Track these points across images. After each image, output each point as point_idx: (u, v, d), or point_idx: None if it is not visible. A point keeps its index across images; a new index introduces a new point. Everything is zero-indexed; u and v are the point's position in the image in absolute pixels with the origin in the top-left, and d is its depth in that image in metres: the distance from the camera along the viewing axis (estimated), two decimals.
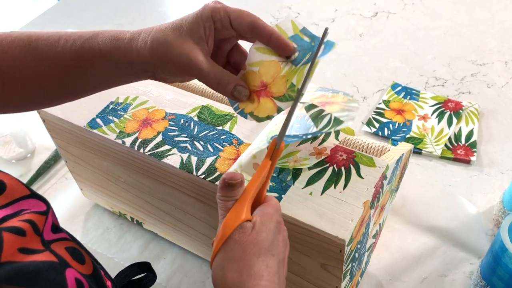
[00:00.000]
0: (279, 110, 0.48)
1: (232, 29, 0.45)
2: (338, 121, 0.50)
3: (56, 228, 0.41)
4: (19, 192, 0.40)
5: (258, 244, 0.39)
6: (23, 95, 0.46)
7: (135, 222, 0.76)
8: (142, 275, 0.57)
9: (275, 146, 0.43)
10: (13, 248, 0.34)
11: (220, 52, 0.48)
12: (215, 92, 0.70)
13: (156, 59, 0.43)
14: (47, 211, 0.40)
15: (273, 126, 0.56)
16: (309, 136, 0.52)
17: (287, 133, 0.52)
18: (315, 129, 0.51)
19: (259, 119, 0.48)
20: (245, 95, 0.47)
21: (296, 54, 0.47)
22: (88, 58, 0.44)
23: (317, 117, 0.52)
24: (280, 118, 0.56)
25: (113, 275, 0.72)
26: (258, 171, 0.43)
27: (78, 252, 0.41)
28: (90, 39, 0.44)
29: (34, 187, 0.85)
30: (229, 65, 0.50)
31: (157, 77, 0.46)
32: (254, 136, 0.58)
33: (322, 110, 0.53)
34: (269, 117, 0.48)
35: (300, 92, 0.45)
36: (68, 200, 0.83)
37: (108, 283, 0.45)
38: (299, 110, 0.56)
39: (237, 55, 0.49)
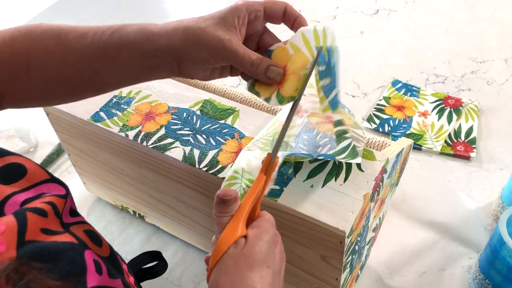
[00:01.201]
0: (267, 100, 0.48)
1: (264, 21, 0.47)
2: (354, 153, 0.51)
3: (73, 212, 0.42)
4: (39, 176, 0.41)
5: (251, 256, 0.39)
6: (48, 88, 0.46)
7: (137, 215, 0.77)
8: (154, 263, 0.58)
9: (270, 161, 0.43)
10: (36, 228, 0.35)
11: (250, 39, 0.49)
12: (217, 86, 0.71)
13: (188, 44, 0.43)
14: (67, 195, 0.41)
15: (280, 127, 0.56)
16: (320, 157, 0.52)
17: (294, 147, 0.53)
18: (325, 151, 0.52)
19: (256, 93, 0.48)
20: (278, 74, 0.46)
21: (324, 68, 0.46)
22: (116, 48, 0.44)
23: (340, 136, 0.53)
24: (285, 118, 0.56)
25: None
26: (253, 187, 0.42)
27: (96, 235, 0.41)
28: (120, 29, 0.44)
29: None
30: (258, 50, 0.50)
31: (181, 68, 0.45)
32: (256, 130, 0.59)
33: (346, 131, 0.53)
34: (266, 100, 0.48)
35: (296, 105, 0.45)
36: (71, 193, 0.83)
37: (124, 266, 0.46)
38: (308, 117, 0.56)
39: (268, 38, 0.49)
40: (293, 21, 0.47)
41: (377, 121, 0.92)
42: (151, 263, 0.57)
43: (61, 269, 0.34)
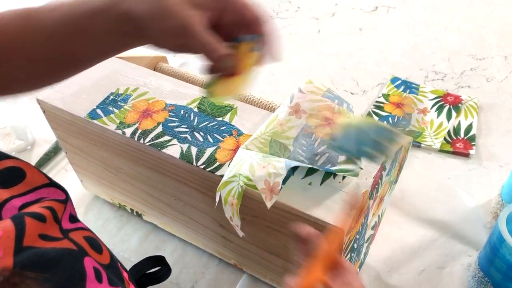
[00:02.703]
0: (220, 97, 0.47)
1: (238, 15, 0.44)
2: (355, 174, 0.51)
3: (73, 218, 0.41)
4: (38, 180, 0.40)
5: None
6: (27, 71, 0.45)
7: (135, 213, 0.77)
8: (157, 268, 0.57)
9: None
10: (35, 234, 0.35)
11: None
12: None
13: (150, 15, 0.41)
14: (66, 200, 0.40)
15: (278, 126, 0.55)
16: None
17: (292, 151, 0.52)
18: (323, 160, 0.51)
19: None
20: (231, 65, 0.44)
21: None
22: (88, 17, 0.42)
23: (346, 162, 0.52)
24: (283, 116, 0.55)
25: None
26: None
27: (96, 242, 0.41)
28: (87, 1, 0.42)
29: None
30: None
31: (151, 37, 0.43)
32: (254, 127, 0.58)
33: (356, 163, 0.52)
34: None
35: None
36: (68, 192, 0.83)
37: (125, 274, 0.45)
38: (306, 119, 0.55)
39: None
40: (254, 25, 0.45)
41: (376, 118, 0.91)
42: (155, 268, 0.57)
43: (59, 277, 0.33)
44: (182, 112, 0.61)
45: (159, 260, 0.57)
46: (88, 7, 0.42)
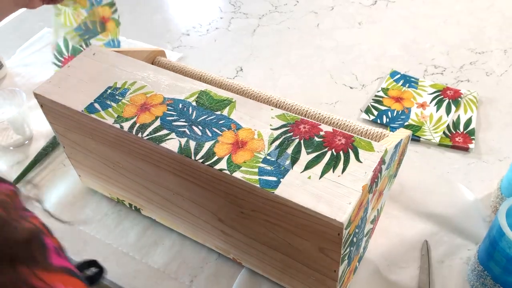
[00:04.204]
0: None
1: None
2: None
3: (23, 208, 0.40)
4: None
5: None
6: None
7: (133, 208, 0.76)
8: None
9: None
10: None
11: None
12: (214, 77, 0.70)
13: None
14: (16, 192, 0.39)
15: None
16: None
17: None
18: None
19: None
20: None
21: None
22: None
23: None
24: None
25: (112, 261, 0.72)
26: None
27: (49, 229, 0.41)
28: None
29: (31, 174, 0.85)
30: None
31: None
32: (253, 121, 0.58)
33: None
34: None
35: None
36: (66, 187, 0.83)
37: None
38: None
39: None
40: None
41: (375, 113, 0.91)
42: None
43: None
44: (180, 106, 0.61)
45: (91, 264, 0.54)
46: None
